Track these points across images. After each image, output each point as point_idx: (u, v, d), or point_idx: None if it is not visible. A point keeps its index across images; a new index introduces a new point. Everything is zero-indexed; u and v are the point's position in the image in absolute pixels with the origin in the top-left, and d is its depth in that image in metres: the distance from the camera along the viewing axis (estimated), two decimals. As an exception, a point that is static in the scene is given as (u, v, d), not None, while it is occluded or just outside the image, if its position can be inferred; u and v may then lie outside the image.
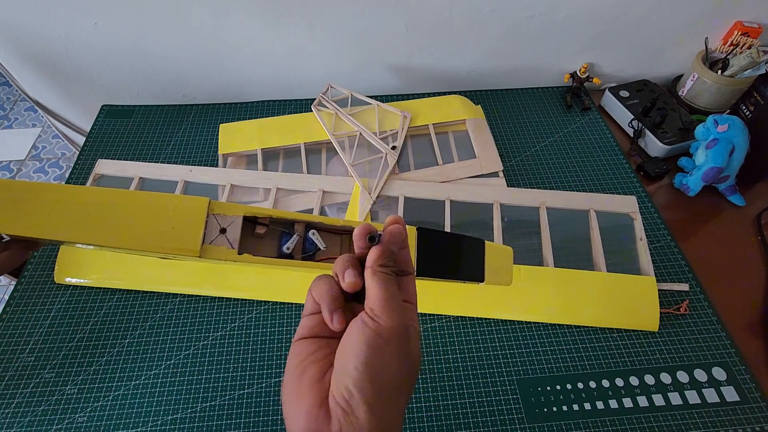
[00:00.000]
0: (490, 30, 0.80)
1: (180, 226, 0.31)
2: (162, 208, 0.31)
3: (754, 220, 0.69)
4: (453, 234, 0.37)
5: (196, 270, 0.61)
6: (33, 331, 0.57)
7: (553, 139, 0.80)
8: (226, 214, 0.32)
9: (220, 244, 0.32)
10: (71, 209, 0.30)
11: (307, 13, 0.75)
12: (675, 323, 0.58)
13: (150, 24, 0.76)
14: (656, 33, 0.83)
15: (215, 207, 0.32)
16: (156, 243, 0.30)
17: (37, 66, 0.84)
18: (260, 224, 0.35)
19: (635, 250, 0.63)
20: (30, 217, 0.29)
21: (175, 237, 0.31)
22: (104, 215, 0.30)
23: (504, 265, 0.41)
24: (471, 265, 0.38)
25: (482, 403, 0.52)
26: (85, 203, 0.30)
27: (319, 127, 0.76)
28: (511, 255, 0.42)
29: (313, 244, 0.35)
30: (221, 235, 0.32)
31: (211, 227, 0.32)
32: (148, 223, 0.30)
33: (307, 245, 0.36)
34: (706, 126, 0.69)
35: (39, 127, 1.84)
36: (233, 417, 0.51)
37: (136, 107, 0.85)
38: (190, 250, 0.30)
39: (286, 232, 0.36)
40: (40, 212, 0.29)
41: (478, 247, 0.38)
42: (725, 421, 0.51)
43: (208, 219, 0.32)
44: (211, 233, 0.32)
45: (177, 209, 0.31)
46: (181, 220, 0.31)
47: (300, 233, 0.35)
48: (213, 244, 0.31)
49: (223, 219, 0.32)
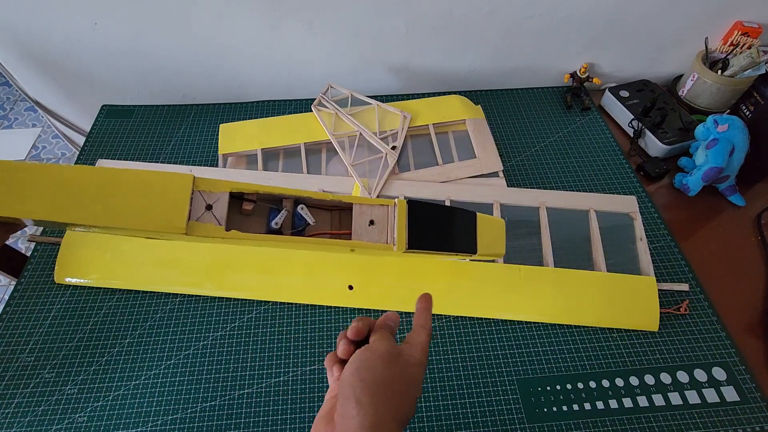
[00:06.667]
0: (490, 30, 0.80)
1: (165, 204, 0.30)
2: (146, 186, 0.30)
3: (754, 220, 0.69)
4: (443, 206, 0.37)
5: (197, 269, 0.61)
6: (33, 331, 0.57)
7: (553, 139, 0.80)
8: (212, 190, 0.32)
9: (207, 221, 0.31)
10: (53, 188, 0.29)
11: (307, 12, 0.75)
12: (675, 323, 0.58)
13: (150, 24, 0.76)
14: (656, 33, 0.83)
15: (200, 183, 0.31)
16: (140, 221, 0.29)
17: (37, 66, 0.84)
18: (247, 200, 0.34)
19: (635, 250, 0.63)
20: (8, 196, 0.28)
21: (160, 215, 0.30)
22: (87, 194, 0.29)
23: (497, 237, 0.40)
24: (463, 237, 0.37)
25: (482, 403, 0.52)
26: (67, 182, 0.29)
27: (319, 127, 0.76)
28: (503, 226, 0.41)
29: (302, 219, 0.35)
30: (207, 211, 0.31)
31: (196, 204, 0.31)
32: (132, 201, 0.30)
33: (296, 221, 0.35)
34: (706, 126, 0.69)
35: (39, 127, 1.84)
36: (233, 417, 0.51)
37: (136, 107, 0.85)
38: (176, 227, 0.30)
39: (275, 208, 0.35)
40: (20, 192, 0.28)
41: (470, 219, 0.38)
42: (725, 421, 0.51)
43: (193, 195, 0.31)
44: (197, 210, 0.31)
45: (161, 186, 0.30)
46: (166, 197, 0.30)
47: (288, 208, 0.35)
48: (199, 221, 0.31)
49: (208, 195, 0.31)
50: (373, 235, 0.35)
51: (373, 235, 0.35)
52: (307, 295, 0.58)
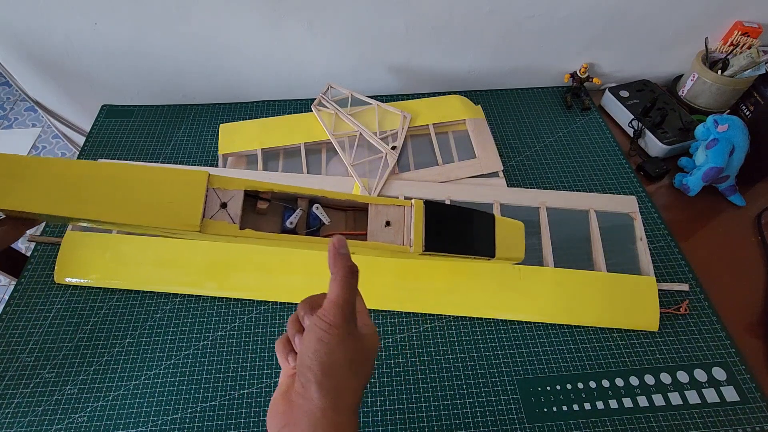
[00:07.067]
0: (490, 30, 0.80)
1: (179, 201, 0.30)
2: (161, 183, 0.30)
3: (754, 220, 0.69)
4: (461, 208, 0.36)
5: (197, 269, 0.61)
6: (33, 331, 0.57)
7: (553, 139, 0.80)
8: (227, 188, 0.31)
9: (221, 219, 0.30)
10: (68, 183, 0.28)
11: (307, 12, 0.75)
12: (675, 323, 0.58)
13: (150, 24, 0.76)
14: (656, 33, 0.83)
15: (215, 181, 0.31)
16: (154, 218, 0.29)
17: (37, 66, 0.84)
18: (262, 199, 0.34)
19: (635, 250, 0.63)
20: (24, 191, 0.28)
21: (174, 212, 0.29)
22: (101, 189, 0.29)
23: (515, 241, 0.39)
24: (481, 240, 0.36)
25: (482, 403, 0.52)
26: (82, 177, 0.29)
27: (319, 127, 0.76)
28: (522, 230, 0.40)
29: (317, 218, 0.34)
30: (222, 209, 0.31)
31: (211, 202, 0.30)
32: (146, 197, 0.29)
33: (311, 220, 0.34)
34: (706, 126, 0.69)
35: (39, 127, 1.84)
36: (233, 417, 0.51)
37: (136, 107, 0.85)
38: (190, 224, 0.29)
39: (289, 207, 0.34)
40: (36, 186, 0.28)
41: (488, 222, 0.37)
42: (725, 421, 0.51)
43: (207, 193, 0.30)
44: (211, 208, 0.30)
45: (176, 183, 0.30)
46: (180, 194, 0.30)
47: (303, 208, 0.34)
48: (213, 219, 0.30)
49: (223, 193, 0.31)
50: (389, 236, 0.34)
51: (389, 236, 0.34)
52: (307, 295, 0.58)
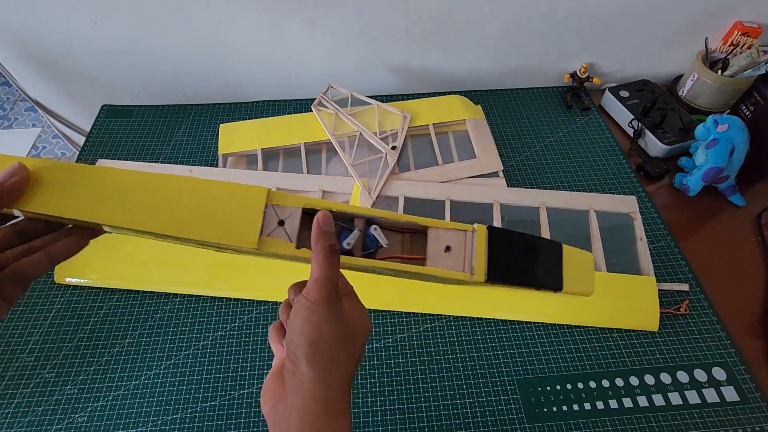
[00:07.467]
0: (490, 30, 0.80)
1: (236, 216, 0.29)
2: (218, 197, 0.29)
3: (754, 220, 0.69)
4: (527, 235, 0.33)
5: (197, 269, 0.61)
6: (33, 331, 0.57)
7: (553, 139, 0.80)
8: (285, 205, 0.30)
9: (278, 237, 0.30)
10: (130, 194, 0.28)
11: (308, 12, 0.75)
12: (675, 323, 0.58)
13: (150, 24, 0.76)
14: (656, 33, 0.83)
15: (273, 197, 0.30)
16: (210, 233, 0.29)
17: (37, 66, 0.84)
18: None
19: (635, 250, 0.63)
20: (87, 201, 0.28)
21: (232, 227, 0.29)
22: (162, 201, 0.29)
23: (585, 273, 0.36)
24: (547, 271, 0.34)
25: (482, 403, 0.52)
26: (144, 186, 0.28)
27: (319, 127, 0.76)
28: (592, 261, 0.37)
29: (374, 240, 0.33)
30: (279, 227, 0.30)
31: (269, 219, 0.30)
32: (203, 211, 0.29)
33: (368, 242, 0.33)
34: (706, 126, 0.69)
35: (39, 127, 1.84)
36: (233, 417, 0.51)
37: (136, 107, 0.85)
38: (248, 241, 0.29)
39: (346, 227, 0.33)
40: (98, 197, 0.28)
41: (556, 251, 0.34)
42: (725, 421, 0.51)
43: (266, 210, 0.30)
44: (268, 225, 0.30)
45: (234, 198, 0.29)
46: (238, 209, 0.29)
47: (360, 228, 0.33)
48: (270, 236, 0.30)
49: (281, 210, 0.30)
50: (449, 262, 0.32)
51: (449, 263, 0.32)
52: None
